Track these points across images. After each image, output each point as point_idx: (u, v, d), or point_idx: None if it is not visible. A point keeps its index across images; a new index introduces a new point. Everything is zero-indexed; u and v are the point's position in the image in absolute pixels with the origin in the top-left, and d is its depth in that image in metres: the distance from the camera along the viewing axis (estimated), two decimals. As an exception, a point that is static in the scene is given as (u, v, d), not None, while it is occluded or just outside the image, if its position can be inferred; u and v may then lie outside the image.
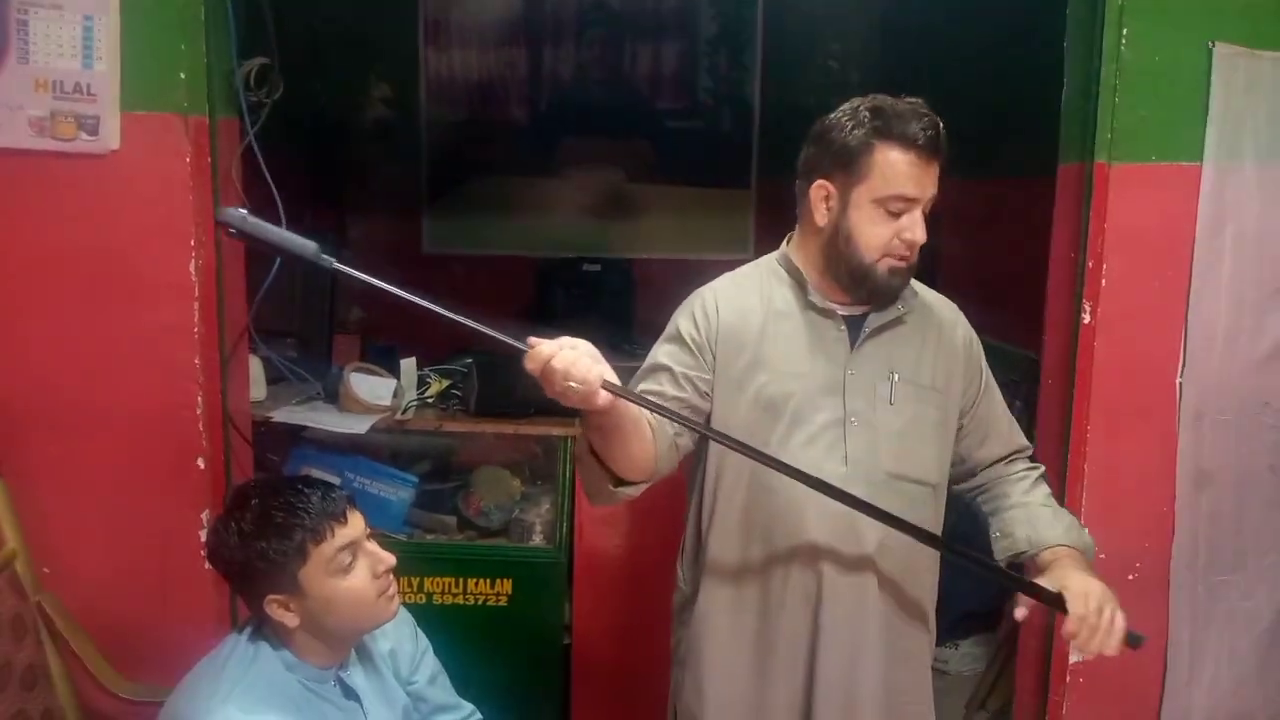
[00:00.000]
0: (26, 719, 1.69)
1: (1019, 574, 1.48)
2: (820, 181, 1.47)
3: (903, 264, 1.46)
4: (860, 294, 1.50)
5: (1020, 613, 1.40)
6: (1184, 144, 1.86)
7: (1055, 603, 1.37)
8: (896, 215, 1.44)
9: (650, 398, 1.41)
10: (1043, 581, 1.41)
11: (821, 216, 1.48)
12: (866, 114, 1.44)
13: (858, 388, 1.50)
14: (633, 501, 2.28)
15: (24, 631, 1.74)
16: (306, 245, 1.25)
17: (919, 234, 1.44)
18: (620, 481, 1.45)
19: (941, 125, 1.44)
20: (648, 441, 1.43)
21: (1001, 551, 1.58)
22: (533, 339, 1.25)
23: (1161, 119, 1.85)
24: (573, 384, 1.22)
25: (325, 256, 1.25)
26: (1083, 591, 1.36)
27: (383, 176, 3.67)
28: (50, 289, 1.90)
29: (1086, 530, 1.57)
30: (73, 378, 1.91)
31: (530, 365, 1.24)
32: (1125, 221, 1.88)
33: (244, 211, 1.24)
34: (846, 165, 1.44)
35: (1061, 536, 1.52)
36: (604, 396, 1.24)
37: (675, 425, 1.44)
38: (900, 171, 1.42)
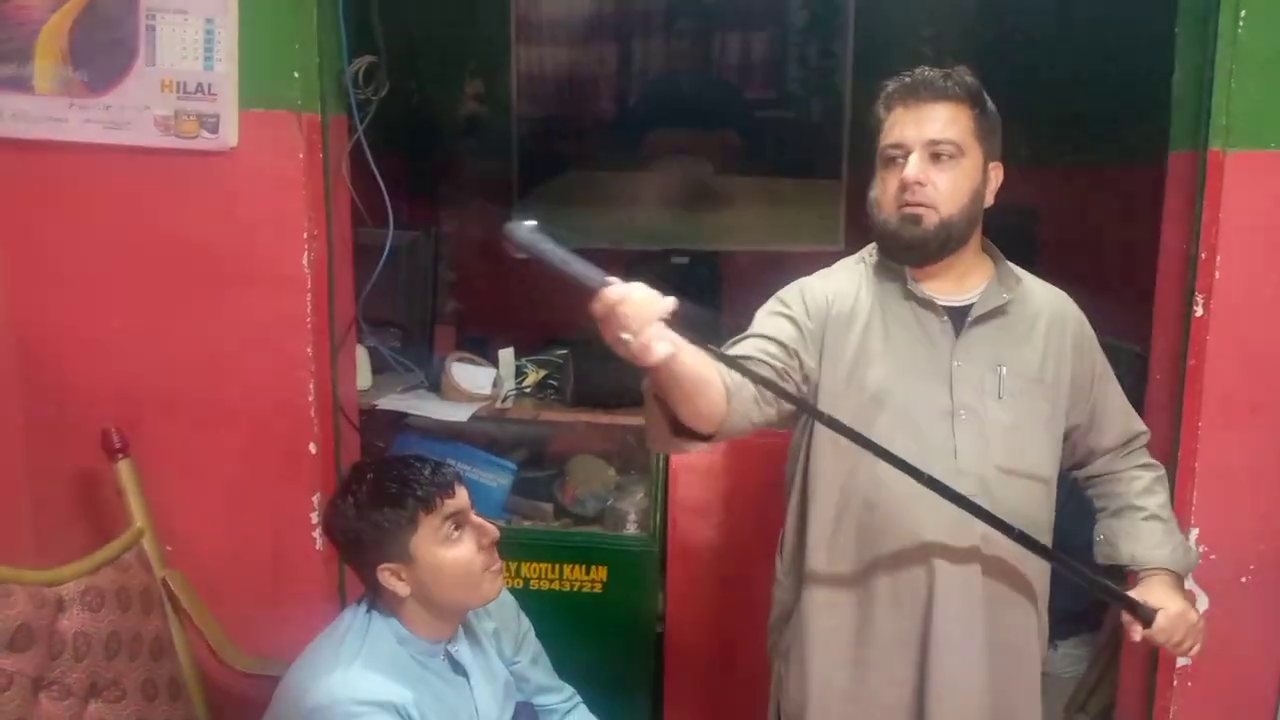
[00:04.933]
0: (154, 686, 1.78)
1: (1115, 580, 1.53)
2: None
3: (913, 210, 1.44)
4: (903, 256, 1.49)
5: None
6: (1305, 130, 1.79)
7: (1145, 619, 1.43)
8: (899, 165, 1.45)
9: (742, 361, 1.38)
10: (1134, 594, 1.47)
11: None
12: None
13: (965, 380, 1.48)
14: (726, 491, 2.34)
15: (151, 605, 1.84)
16: (593, 273, 1.18)
17: (912, 172, 1.43)
18: (681, 431, 1.39)
19: (957, 72, 1.45)
20: (716, 399, 1.36)
21: (1102, 557, 1.58)
22: (612, 277, 1.18)
23: (1281, 104, 1.79)
24: (625, 335, 1.17)
25: (610, 280, 1.19)
26: (1169, 627, 1.43)
27: (475, 172, 3.72)
28: (174, 280, 1.99)
29: (1193, 551, 1.58)
30: (195, 365, 2.01)
31: (596, 306, 1.18)
32: (1241, 211, 1.80)
33: (532, 226, 1.19)
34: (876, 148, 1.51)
35: (1166, 560, 1.52)
36: (657, 355, 1.17)
37: (759, 389, 1.39)
38: (894, 123, 1.46)
